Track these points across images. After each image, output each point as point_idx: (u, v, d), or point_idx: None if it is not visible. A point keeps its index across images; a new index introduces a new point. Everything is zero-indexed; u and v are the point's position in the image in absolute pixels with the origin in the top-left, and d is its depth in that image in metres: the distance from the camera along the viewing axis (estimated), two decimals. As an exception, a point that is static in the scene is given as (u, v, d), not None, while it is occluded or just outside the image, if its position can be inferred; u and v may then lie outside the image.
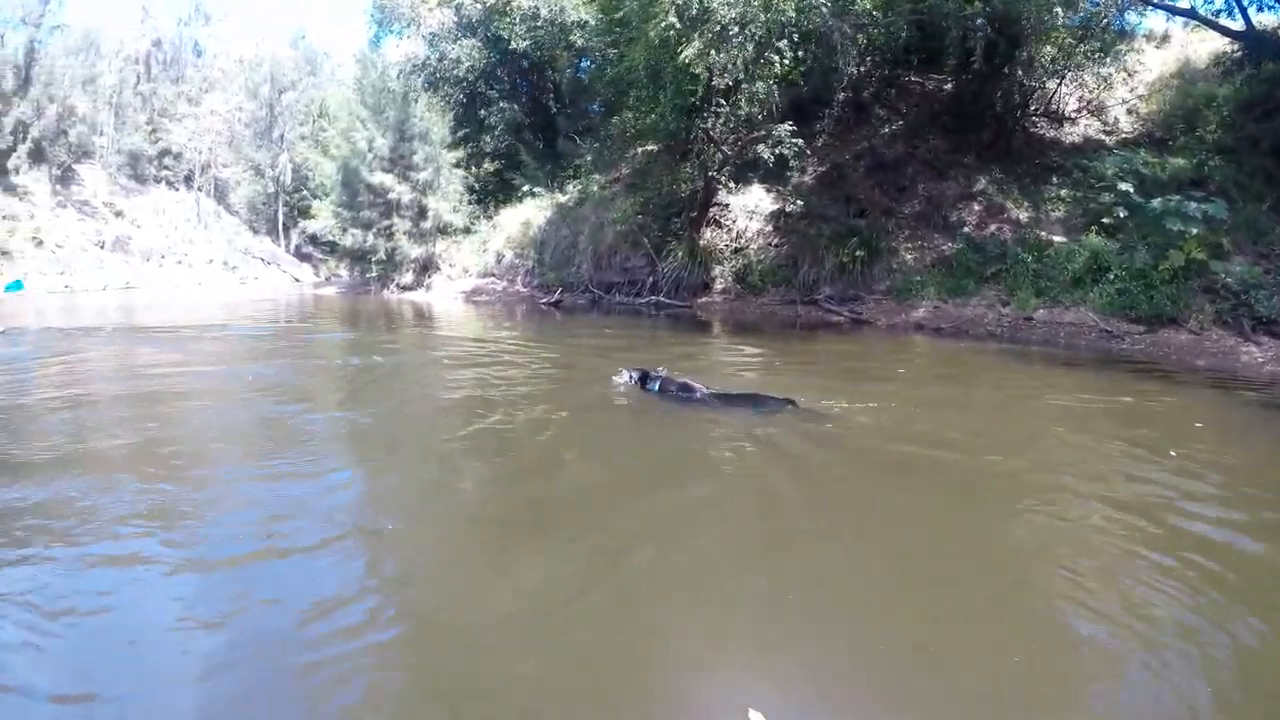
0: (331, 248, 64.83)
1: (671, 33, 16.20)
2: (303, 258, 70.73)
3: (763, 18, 15.40)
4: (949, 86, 21.83)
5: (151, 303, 31.41)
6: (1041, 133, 20.31)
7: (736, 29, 15.60)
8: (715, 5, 15.50)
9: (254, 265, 65.56)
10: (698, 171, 20.02)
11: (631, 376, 8.32)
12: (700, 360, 11.39)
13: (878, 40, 18.06)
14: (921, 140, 20.62)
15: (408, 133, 29.25)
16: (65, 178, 58.52)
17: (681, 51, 16.24)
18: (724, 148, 19.41)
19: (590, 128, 30.27)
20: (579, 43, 26.90)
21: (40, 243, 51.84)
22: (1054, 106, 20.41)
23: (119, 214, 60.40)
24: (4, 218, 51.78)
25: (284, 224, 71.07)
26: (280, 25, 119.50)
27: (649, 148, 25.61)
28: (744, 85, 17.46)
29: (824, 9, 15.52)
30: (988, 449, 6.23)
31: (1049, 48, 18.61)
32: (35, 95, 57.37)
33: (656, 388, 7.97)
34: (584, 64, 30.83)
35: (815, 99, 19.99)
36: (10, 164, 55.03)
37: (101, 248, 56.35)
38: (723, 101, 18.31)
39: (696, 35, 15.85)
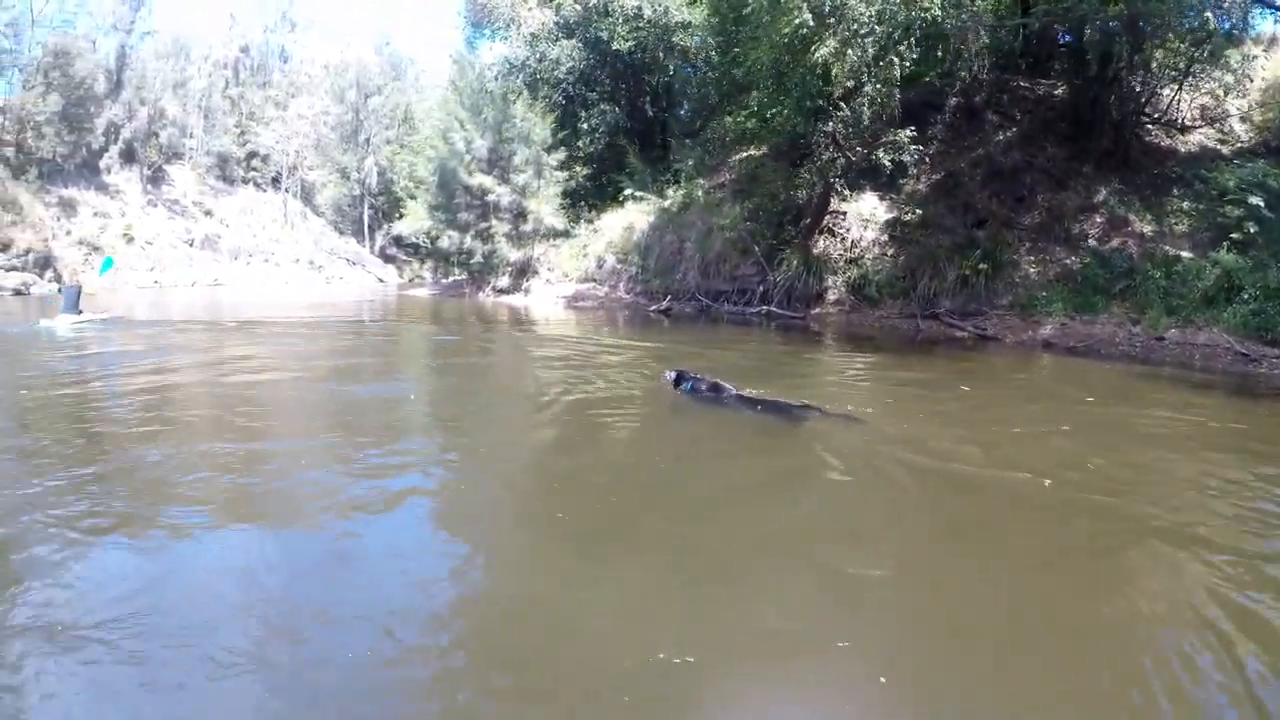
0: (415, 249, 67.57)
1: (804, 30, 16.20)
2: (387, 259, 72.92)
3: (901, 16, 15.46)
4: (1059, 92, 21.69)
5: (249, 300, 32.92)
6: (1156, 141, 20.05)
7: (869, 28, 15.65)
8: (852, 2, 15.51)
9: (339, 265, 67.57)
10: (817, 177, 19.99)
11: (668, 376, 8.89)
12: (813, 377, 11.31)
13: (996, 43, 18.13)
14: (1038, 148, 20.43)
15: (507, 134, 29.82)
16: (155, 178, 61.48)
17: (814, 50, 16.29)
18: (848, 153, 19.41)
19: (689, 131, 30.80)
20: (681, 44, 27.26)
21: (131, 239, 54.26)
22: (1170, 114, 20.10)
23: (208, 213, 63.11)
24: (96, 214, 54.37)
25: (369, 226, 73.50)
26: (365, 31, 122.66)
27: (753, 152, 25.96)
28: (864, 88, 17.51)
29: (964, 8, 15.60)
30: (1136, 490, 5.81)
31: (1161, 52, 18.38)
32: (127, 98, 60.85)
33: (689, 388, 8.53)
34: (683, 67, 31.15)
35: (925, 104, 20.06)
36: (103, 163, 58.00)
37: (190, 245, 58.76)
38: (842, 105, 18.31)
39: (829, 34, 15.92)
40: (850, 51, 16.02)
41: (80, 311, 17.50)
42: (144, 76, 63.03)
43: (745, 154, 26.58)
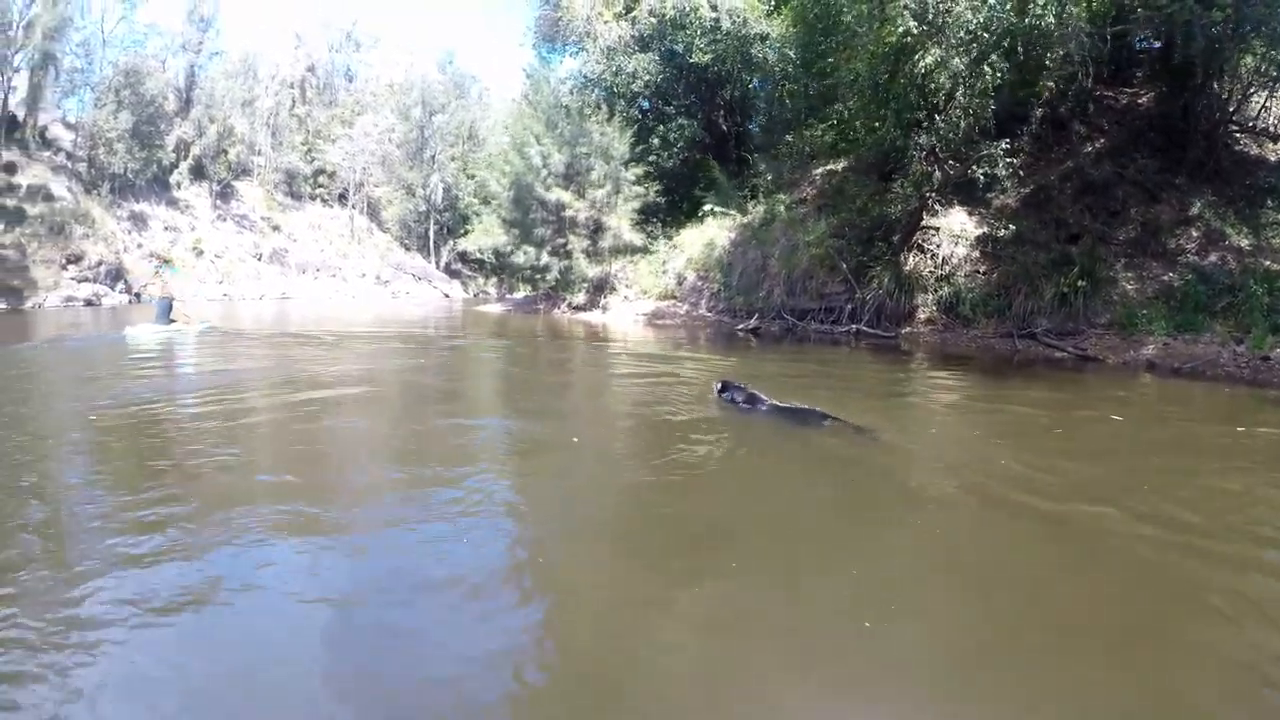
0: (480, 265, 68.83)
1: (908, 39, 16.37)
2: (452, 274, 74.43)
3: (1009, 24, 15.51)
4: (1143, 101, 21.53)
5: (324, 313, 33.99)
6: (1245, 150, 19.87)
7: (975, 36, 15.76)
8: (960, 9, 15.61)
9: (405, 280, 68.98)
10: (911, 191, 19.86)
11: (716, 387, 9.67)
12: (920, 405, 10.78)
13: (1083, 51, 17.49)
14: (1128, 159, 20.19)
15: (583, 148, 30.29)
16: (225, 193, 64.25)
17: (917, 60, 16.46)
18: (945, 166, 19.42)
19: (764, 145, 30.96)
20: (758, 56, 27.53)
21: (200, 253, 56.59)
22: (1259, 122, 19.93)
23: (276, 228, 65.49)
24: (166, 228, 56.74)
25: (434, 241, 75.32)
26: (428, 49, 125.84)
27: (834, 166, 25.99)
28: (958, 98, 17.53)
29: (1071, 15, 15.48)
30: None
31: (1250, 58, 18.14)
32: (196, 116, 64.35)
33: (729, 398, 9.26)
34: (760, 79, 31.45)
35: (1011, 115, 19.84)
36: (173, 179, 60.82)
37: (259, 259, 60.89)
38: (935, 116, 18.32)
39: (933, 42, 16.07)
40: (956, 60, 16.13)
41: (172, 321, 18.94)
42: (213, 95, 66.52)
43: (826, 168, 26.58)
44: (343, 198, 75.68)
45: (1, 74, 50.73)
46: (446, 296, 67.31)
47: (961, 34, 15.86)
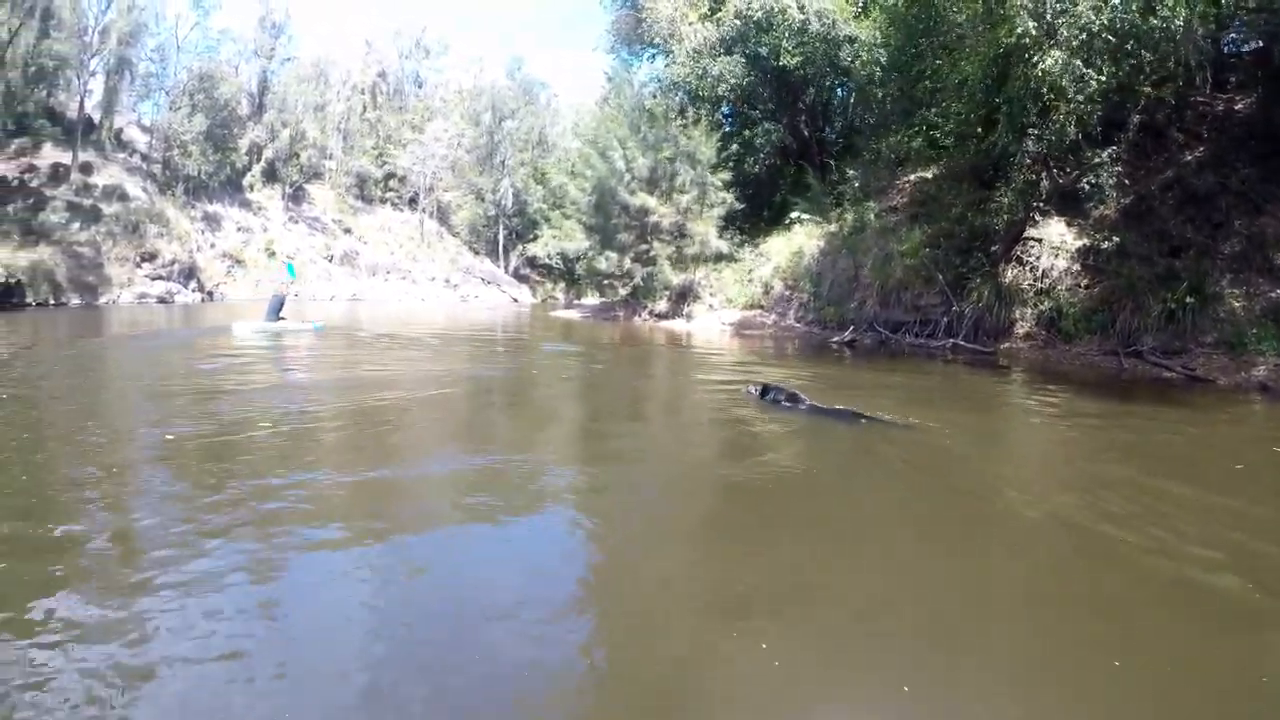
0: (548, 270, 70.35)
1: (1026, 40, 16.26)
2: (520, 279, 75.44)
3: (1131, 24, 15.34)
4: (1240, 107, 21.11)
5: (403, 315, 35.28)
6: None
7: (1101, 37, 15.58)
8: (1082, 9, 15.49)
9: (474, 284, 70.09)
10: (1017, 200, 19.58)
11: (753, 389, 10.62)
12: (1026, 423, 10.91)
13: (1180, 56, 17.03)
14: (1230, 169, 19.66)
15: (668, 153, 30.61)
16: (297, 196, 66.72)
17: (1035, 62, 16.28)
18: (1055, 174, 19.27)
19: (848, 150, 31.10)
20: (847, 59, 27.52)
21: (273, 254, 58.76)
22: None
23: (347, 230, 67.56)
24: (239, 229, 58.75)
25: (504, 246, 76.87)
26: (497, 55, 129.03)
27: (924, 173, 25.99)
28: (1068, 102, 17.14)
29: (1195, 16, 15.25)
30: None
31: None
32: (269, 120, 67.77)
33: (771, 398, 10.13)
34: (845, 83, 31.41)
35: (1106, 121, 19.24)
36: (246, 181, 63.59)
37: (330, 261, 62.55)
38: (1041, 121, 17.99)
39: (1052, 43, 15.98)
40: (1078, 62, 15.92)
41: (282, 319, 20.41)
42: (285, 100, 70.08)
43: (915, 175, 26.57)
44: (413, 201, 77.92)
45: (78, 78, 53.15)
46: (515, 301, 68.59)
47: (1082, 35, 15.69)
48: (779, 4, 27.55)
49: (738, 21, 29.15)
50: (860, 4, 27.60)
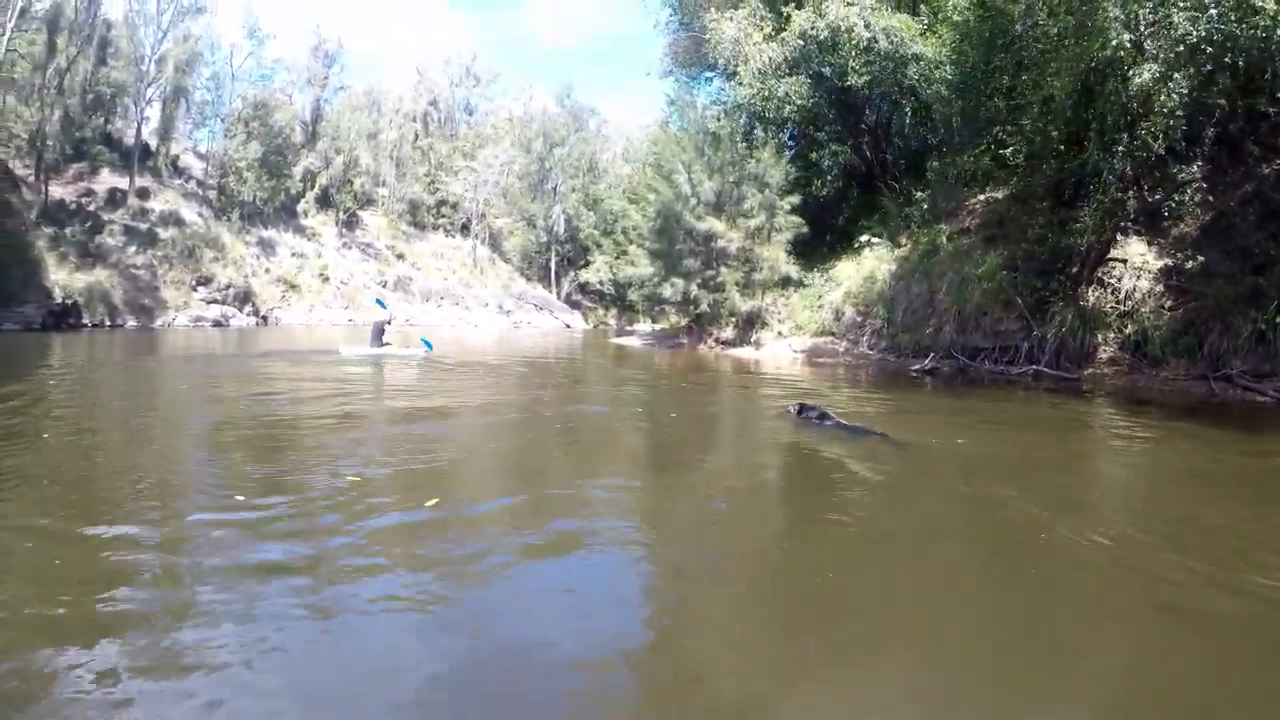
0: (600, 296, 71.29)
1: (1120, 53, 16.22)
2: (572, 305, 76.34)
3: (1229, 34, 14.99)
4: None
5: (468, 341, 35.83)
6: None
7: (1200, 49, 15.43)
8: (1177, 19, 15.30)
9: (527, 310, 71.10)
10: (1103, 219, 19.37)
11: (793, 409, 11.68)
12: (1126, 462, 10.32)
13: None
14: None
15: (735, 176, 30.78)
16: (350, 222, 68.65)
17: (1130, 76, 16.25)
18: (1145, 192, 19.18)
19: (911, 171, 31.10)
20: (913, 77, 27.38)
21: (326, 279, 59.97)
22: None
23: (400, 257, 69.24)
24: (294, 254, 60.27)
25: (555, 272, 78.36)
26: (546, 83, 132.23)
27: (993, 193, 25.93)
28: (1155, 116, 17.06)
29: None
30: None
31: None
32: (323, 148, 70.61)
33: (807, 416, 11.18)
34: (909, 102, 31.28)
35: (1184, 136, 18.99)
36: (300, 207, 65.47)
37: (384, 286, 63.92)
38: (1131, 136, 17.87)
39: (1146, 56, 15.94)
40: (1178, 75, 15.84)
41: (386, 344, 22.16)
42: (339, 128, 73.12)
43: (985, 195, 26.53)
44: (465, 228, 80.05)
45: (135, 105, 55.18)
46: (568, 327, 69.47)
47: (1179, 47, 15.57)
48: (846, 22, 27.51)
49: (800, 41, 29.04)
50: (926, 22, 27.49)
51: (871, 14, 26.78)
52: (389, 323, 23.69)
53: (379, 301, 33.83)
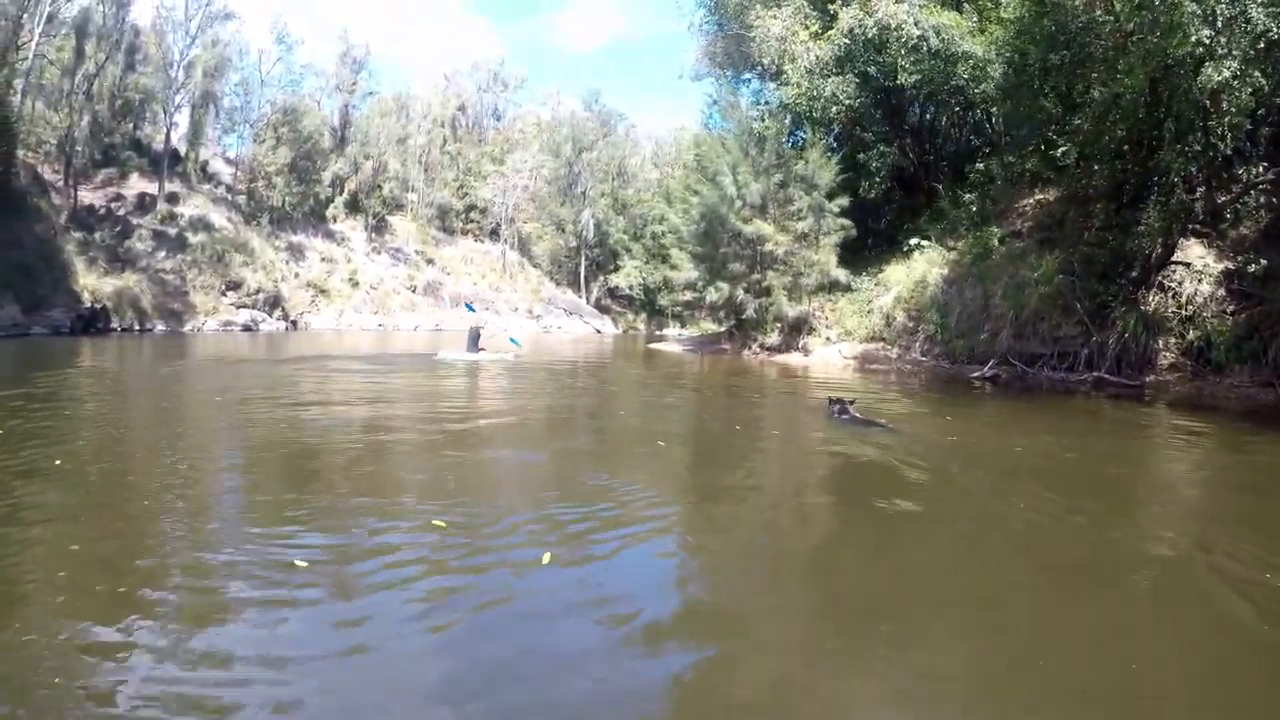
0: (629, 300, 72.07)
1: (1199, 49, 15.96)
2: (601, 309, 77.01)
3: None
4: None
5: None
6: None
7: (1272, 44, 15.33)
8: (1257, 15, 15.07)
9: (556, 315, 71.74)
10: (1168, 221, 19.27)
11: (832, 405, 12.70)
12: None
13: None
14: None
15: (781, 178, 30.92)
16: (379, 227, 69.96)
17: (1208, 73, 16.06)
18: (1214, 193, 19.06)
19: (958, 172, 31.27)
20: (964, 76, 26.95)
21: (356, 284, 60.98)
22: None
23: (430, 261, 70.33)
24: (323, 259, 61.07)
25: (585, 276, 79.74)
26: (573, 87, 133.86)
27: (1043, 195, 25.98)
28: (1222, 116, 17.12)
29: None
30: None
31: None
32: (352, 153, 72.06)
33: (835, 411, 12.41)
34: (957, 102, 31.19)
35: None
36: (329, 213, 66.66)
37: (414, 291, 64.80)
38: (1202, 137, 17.84)
39: (1225, 52, 15.78)
40: (1256, 73, 15.69)
41: (481, 349, 23.64)
42: (367, 133, 74.96)
43: (1037, 197, 26.53)
44: (494, 233, 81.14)
45: (164, 111, 56.22)
46: (598, 332, 70.27)
47: (1260, 44, 15.46)
48: (894, 20, 27.34)
49: (847, 40, 29.02)
50: (974, 20, 27.46)
51: (921, 11, 26.87)
52: (483, 327, 25.23)
53: (469, 306, 35.08)
